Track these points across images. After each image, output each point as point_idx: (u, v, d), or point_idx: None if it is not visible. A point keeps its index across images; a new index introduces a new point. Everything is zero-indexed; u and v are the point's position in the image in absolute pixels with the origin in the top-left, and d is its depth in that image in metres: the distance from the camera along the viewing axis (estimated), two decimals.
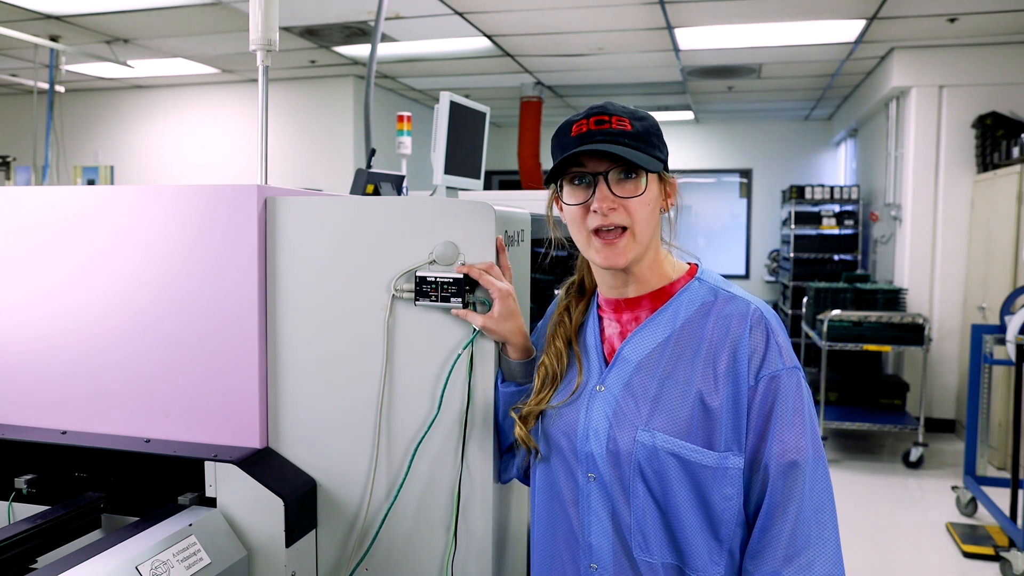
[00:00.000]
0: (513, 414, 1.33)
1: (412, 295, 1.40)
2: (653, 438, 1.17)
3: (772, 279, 9.60)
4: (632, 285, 1.26)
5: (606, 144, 1.17)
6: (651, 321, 1.24)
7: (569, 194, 1.22)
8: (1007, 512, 3.86)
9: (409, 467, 1.43)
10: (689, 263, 1.30)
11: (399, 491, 1.43)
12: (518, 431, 1.30)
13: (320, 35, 5.99)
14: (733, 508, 1.16)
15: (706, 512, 1.16)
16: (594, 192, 1.18)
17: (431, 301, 1.38)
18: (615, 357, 1.25)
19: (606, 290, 1.29)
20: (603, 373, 1.25)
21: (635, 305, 1.26)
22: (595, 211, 1.18)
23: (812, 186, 8.12)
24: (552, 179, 1.24)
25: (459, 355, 1.39)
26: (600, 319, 1.31)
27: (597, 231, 1.19)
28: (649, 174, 1.19)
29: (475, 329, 1.37)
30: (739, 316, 1.19)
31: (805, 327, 6.31)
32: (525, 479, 1.47)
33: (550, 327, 1.35)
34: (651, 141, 1.20)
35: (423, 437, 1.42)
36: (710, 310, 1.21)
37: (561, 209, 1.27)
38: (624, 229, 1.19)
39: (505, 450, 1.46)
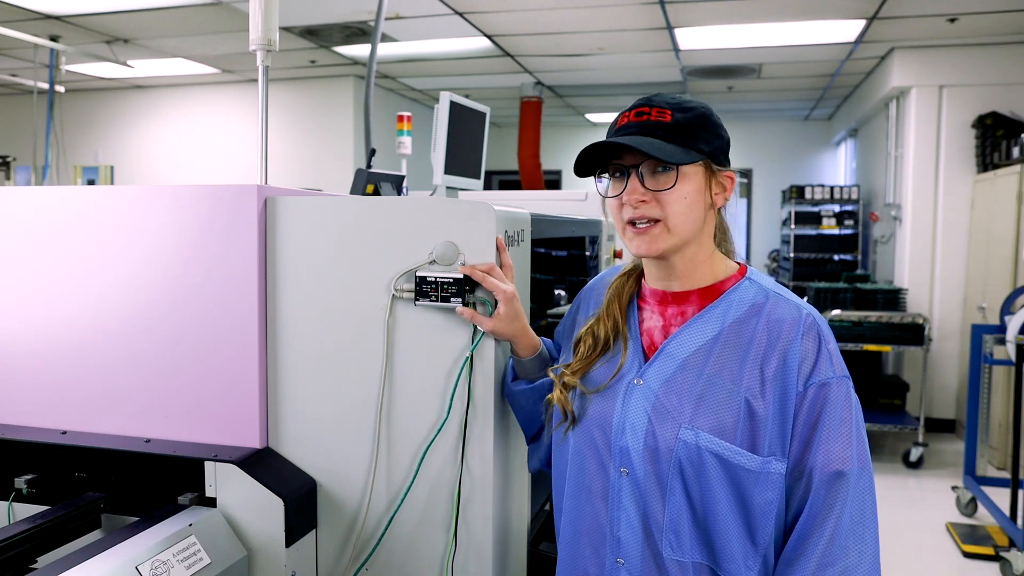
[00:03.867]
0: (552, 374, 1.30)
1: (412, 295, 1.40)
2: (696, 437, 1.15)
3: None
4: (677, 279, 1.23)
5: (635, 136, 1.16)
6: (699, 318, 1.21)
7: (610, 186, 1.23)
8: (1007, 512, 3.86)
9: (418, 470, 1.42)
10: (739, 263, 1.28)
11: (407, 493, 1.43)
12: (557, 395, 1.27)
13: (320, 35, 5.99)
14: (773, 512, 1.14)
15: (745, 515, 1.15)
16: (627, 185, 1.18)
17: (431, 301, 1.38)
18: (658, 352, 1.22)
19: (652, 280, 1.27)
20: (642, 367, 1.22)
21: (683, 300, 1.24)
22: (626, 204, 1.18)
23: (812, 186, 8.12)
24: (585, 172, 1.23)
25: (467, 358, 1.39)
26: (640, 309, 1.28)
27: (632, 222, 1.19)
28: (690, 166, 1.17)
29: (480, 331, 1.37)
30: (791, 320, 1.17)
31: None
32: (550, 467, 1.45)
33: (610, 291, 1.31)
34: (692, 133, 1.17)
35: (432, 440, 1.41)
36: (760, 311, 1.19)
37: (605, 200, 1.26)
38: (657, 221, 1.17)
39: (530, 440, 1.45)
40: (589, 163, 1.22)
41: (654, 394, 1.19)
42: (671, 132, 1.16)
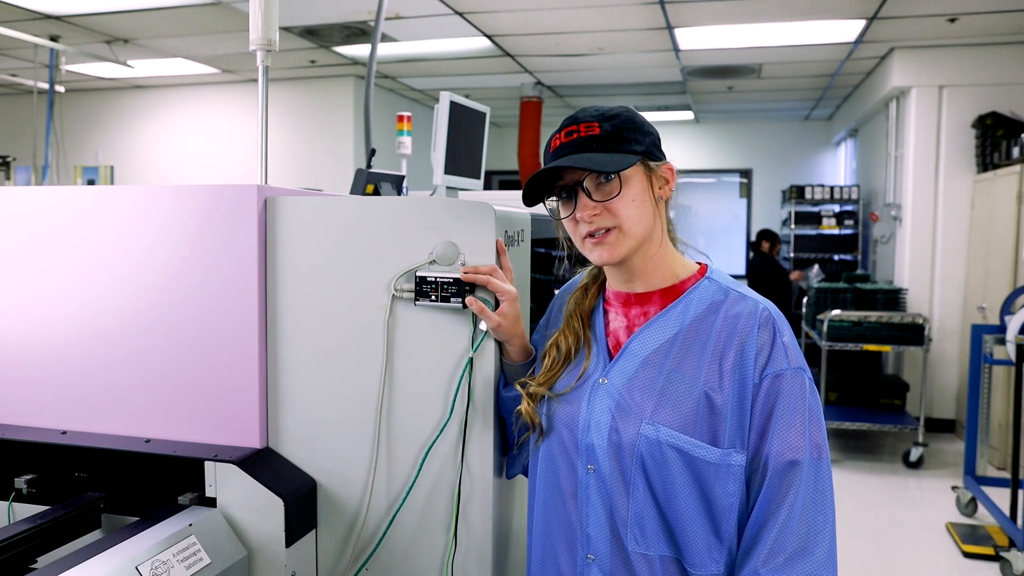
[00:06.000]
0: (519, 388, 1.33)
1: (412, 295, 1.40)
2: (657, 432, 1.17)
3: None
4: (639, 279, 1.27)
5: (571, 156, 1.20)
6: (660, 317, 1.25)
7: (560, 207, 1.27)
8: (1007, 512, 3.86)
9: (419, 471, 1.42)
10: (699, 263, 1.31)
11: (408, 494, 1.43)
12: (525, 407, 1.30)
13: (320, 35, 5.99)
14: (736, 505, 1.17)
15: (707, 508, 1.17)
16: (576, 203, 1.22)
17: (431, 301, 1.38)
18: (621, 351, 1.26)
19: (615, 283, 1.31)
20: (607, 366, 1.26)
21: (645, 300, 1.27)
22: (580, 220, 1.22)
23: (812, 186, 8.13)
24: (534, 200, 1.27)
25: (470, 359, 1.39)
26: (605, 312, 1.32)
27: (591, 234, 1.23)
28: (630, 168, 1.20)
29: (483, 331, 1.38)
30: (747, 315, 1.20)
31: (805, 327, 6.31)
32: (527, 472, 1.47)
33: (569, 305, 1.35)
34: (623, 136, 1.21)
35: (434, 441, 1.42)
36: (719, 308, 1.22)
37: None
38: (612, 228, 1.21)
39: (511, 448, 1.47)
40: (536, 191, 1.26)
41: (618, 392, 1.23)
42: (603, 142, 1.20)
